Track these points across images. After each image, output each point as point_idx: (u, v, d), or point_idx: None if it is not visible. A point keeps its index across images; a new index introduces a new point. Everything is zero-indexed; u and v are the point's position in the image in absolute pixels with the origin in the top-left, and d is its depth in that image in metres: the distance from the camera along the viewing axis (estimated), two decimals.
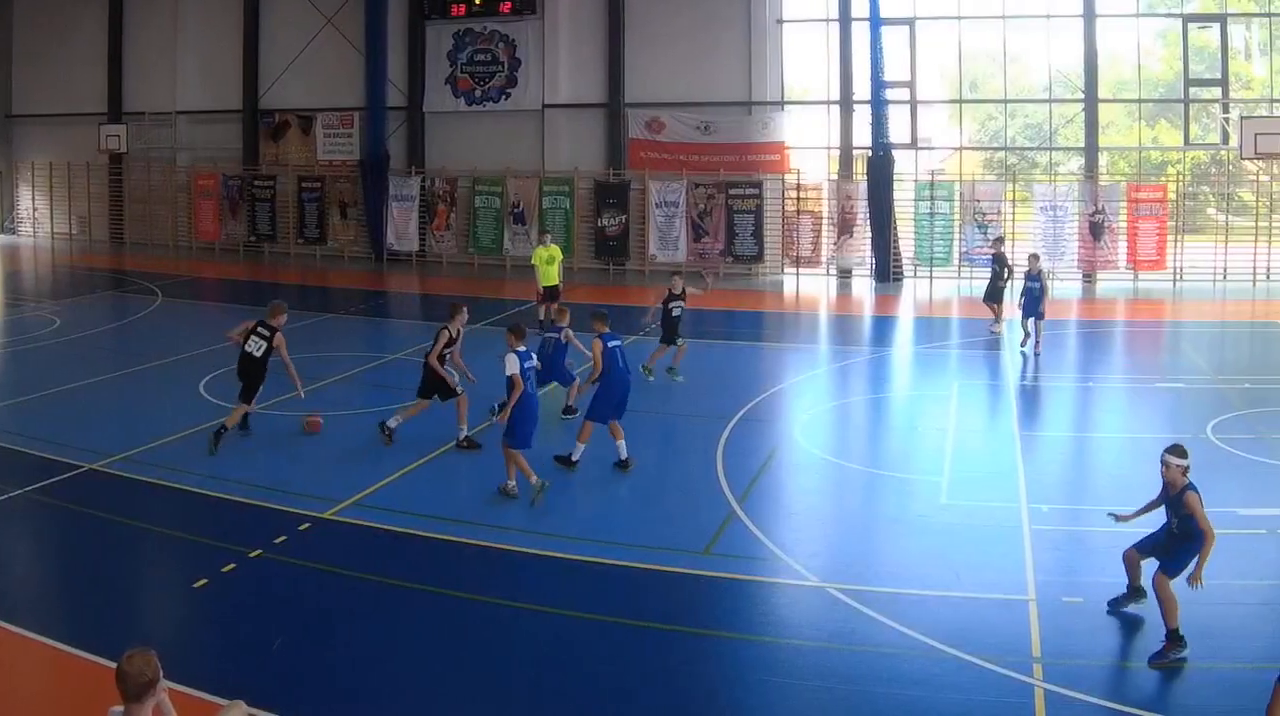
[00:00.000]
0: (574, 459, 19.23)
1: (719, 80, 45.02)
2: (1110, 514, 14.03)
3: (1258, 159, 41.08)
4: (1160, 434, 20.17)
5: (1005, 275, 32.28)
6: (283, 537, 15.85)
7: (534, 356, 18.60)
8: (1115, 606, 13.51)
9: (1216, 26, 43.86)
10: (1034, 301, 28.66)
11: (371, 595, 14.37)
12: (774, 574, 15.04)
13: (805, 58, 46.08)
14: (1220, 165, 46.06)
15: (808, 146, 45.43)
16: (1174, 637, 12.45)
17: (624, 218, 45.52)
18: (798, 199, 44.72)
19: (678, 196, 44.96)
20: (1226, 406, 22.86)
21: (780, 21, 45.46)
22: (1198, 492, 12.77)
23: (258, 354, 20.51)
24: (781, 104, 45.54)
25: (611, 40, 45.65)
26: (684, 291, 26.71)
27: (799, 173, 44.90)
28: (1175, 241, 42.24)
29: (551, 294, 30.73)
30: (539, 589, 14.66)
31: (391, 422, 20.64)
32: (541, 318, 30.23)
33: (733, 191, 44.68)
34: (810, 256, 44.89)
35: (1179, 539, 12.81)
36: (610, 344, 19.41)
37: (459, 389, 20.81)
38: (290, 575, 14.84)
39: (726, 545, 15.95)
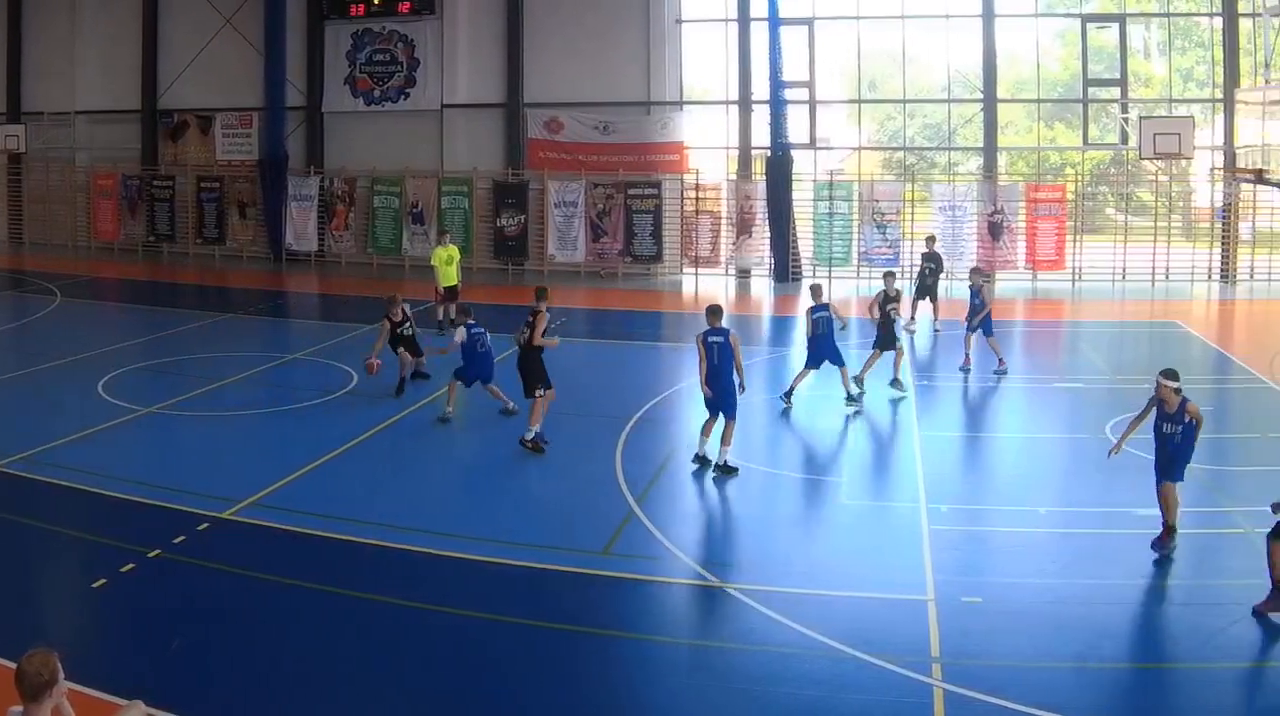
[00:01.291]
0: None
1: (618, 80, 40.80)
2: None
3: (1156, 159, 37.70)
4: (1058, 434, 20.18)
5: (937, 274, 30.16)
6: (182, 537, 14.80)
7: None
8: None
9: (1115, 26, 40.38)
10: (972, 314, 25.46)
11: (270, 595, 13.40)
12: (673, 574, 14.13)
13: (704, 58, 41.87)
14: (1119, 165, 42.13)
15: (707, 146, 41.41)
16: (1171, 530, 13.90)
17: (523, 218, 41.26)
18: (696, 199, 40.60)
19: (576, 196, 40.75)
20: (1125, 406, 20.22)
21: (679, 22, 41.24)
22: (1193, 402, 14.12)
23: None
24: (680, 104, 41.38)
25: (510, 40, 41.26)
26: (899, 293, 24.62)
27: (698, 173, 40.78)
28: (1074, 241, 39.26)
29: (451, 294, 28.80)
30: (437, 589, 13.67)
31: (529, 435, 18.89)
32: (441, 317, 28.73)
33: (631, 191, 40.51)
34: (709, 256, 40.84)
35: (1181, 447, 13.99)
36: None
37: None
38: (189, 575, 13.87)
39: (626, 545, 14.95)
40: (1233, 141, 38.11)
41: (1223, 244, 39.14)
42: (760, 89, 39.73)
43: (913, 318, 30.22)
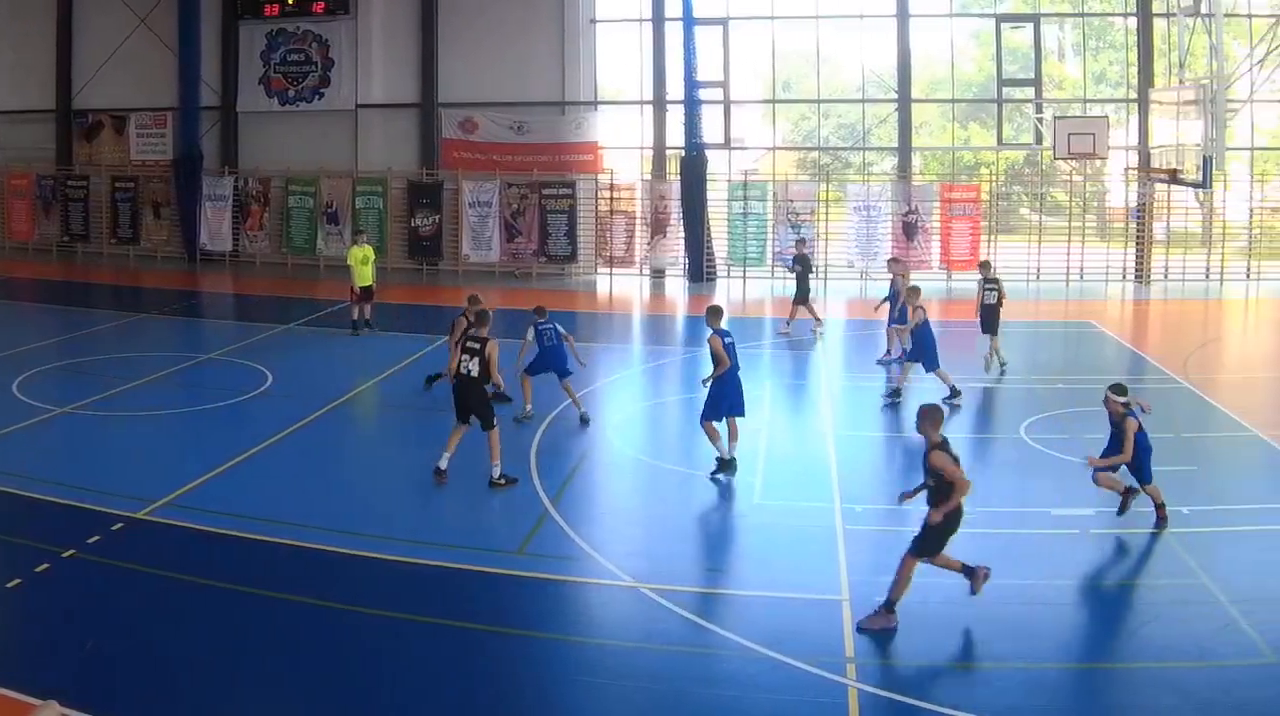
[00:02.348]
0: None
1: (532, 80, 37.55)
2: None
3: (1071, 159, 35.03)
4: (973, 434, 19.29)
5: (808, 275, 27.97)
6: (96, 537, 13.93)
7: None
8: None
9: (1030, 27, 37.52)
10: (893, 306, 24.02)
11: (184, 595, 12.56)
12: (588, 574, 13.33)
13: (618, 58, 38.58)
14: (1033, 165, 39.11)
15: (621, 146, 38.21)
16: (1160, 507, 13.99)
17: (438, 218, 37.90)
18: (611, 199, 37.49)
19: (491, 196, 37.46)
20: (1039, 406, 20.40)
21: (594, 21, 38.04)
22: (1136, 418, 13.79)
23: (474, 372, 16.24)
24: (595, 104, 38.13)
25: (425, 40, 37.90)
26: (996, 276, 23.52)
27: (612, 172, 37.69)
28: (989, 241, 36.48)
29: (366, 294, 26.91)
30: (351, 588, 12.82)
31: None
32: (355, 317, 26.87)
33: (546, 191, 37.30)
34: (624, 256, 37.71)
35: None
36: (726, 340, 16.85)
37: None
38: (104, 575, 13.04)
39: (540, 545, 14.11)
40: (1147, 141, 35.46)
41: (1137, 244, 36.58)
42: (675, 89, 36.75)
43: (819, 320, 28.06)
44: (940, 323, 30.16)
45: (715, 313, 17.14)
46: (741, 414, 16.87)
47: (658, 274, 37.62)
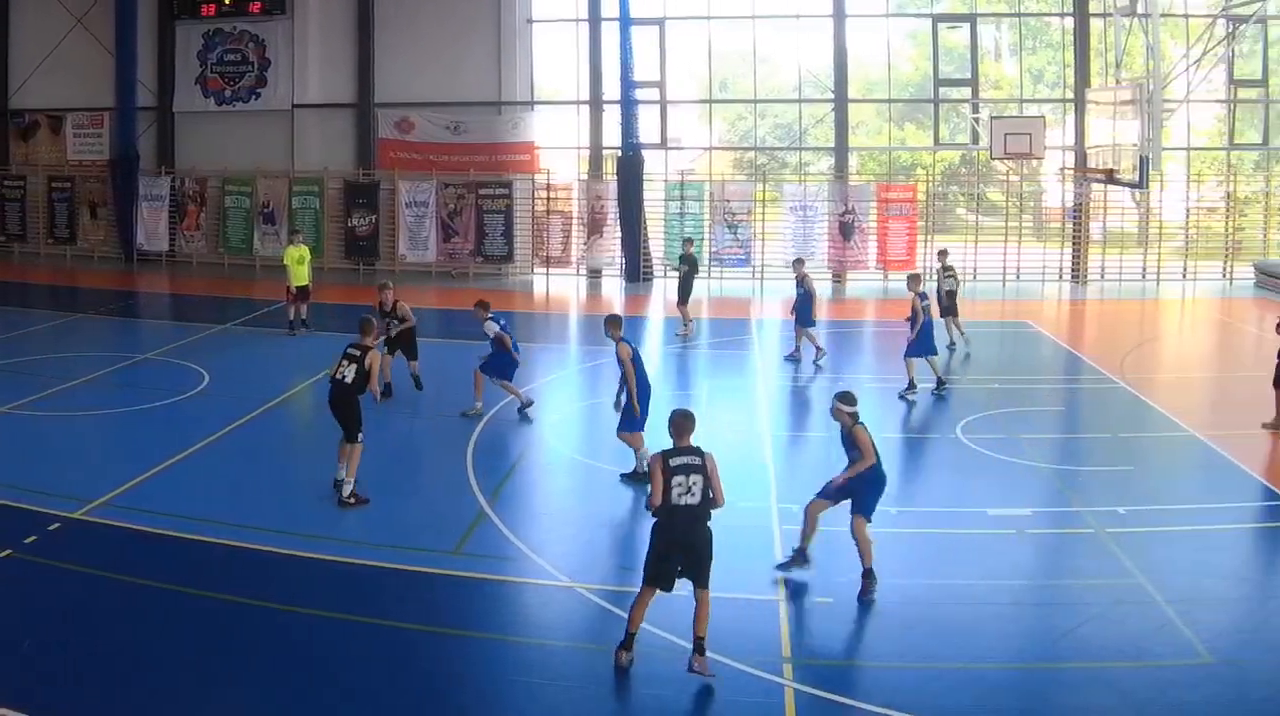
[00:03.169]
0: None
1: (469, 80, 35.29)
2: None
3: (1007, 159, 33.13)
4: (910, 434, 18.55)
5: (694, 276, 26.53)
6: (33, 537, 13.16)
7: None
8: (786, 567, 12.18)
9: (966, 27, 35.34)
10: (801, 305, 23.12)
11: (121, 595, 11.69)
12: (524, 573, 12.57)
13: (555, 58, 36.38)
14: (970, 165, 37.03)
15: (558, 146, 35.99)
16: (870, 575, 11.62)
17: (374, 218, 35.61)
18: (548, 199, 35.28)
19: (428, 196, 35.22)
20: (975, 406, 19.49)
21: (530, 21, 35.82)
22: (866, 428, 11.89)
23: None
24: (531, 104, 35.93)
25: (361, 41, 35.60)
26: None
27: (549, 173, 35.48)
28: (925, 241, 34.43)
29: (302, 293, 25.68)
30: (288, 588, 11.97)
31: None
32: (292, 317, 25.61)
33: (483, 191, 35.10)
34: (560, 256, 35.53)
35: (860, 479, 11.81)
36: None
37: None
38: (40, 575, 12.19)
39: (476, 545, 13.41)
40: (1083, 141, 33.58)
41: (1073, 244, 34.73)
42: (611, 89, 34.61)
43: (688, 324, 26.27)
44: (878, 323, 29.37)
45: (616, 322, 16.08)
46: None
47: (594, 274, 35.50)
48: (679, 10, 35.14)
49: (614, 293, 33.82)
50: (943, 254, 25.89)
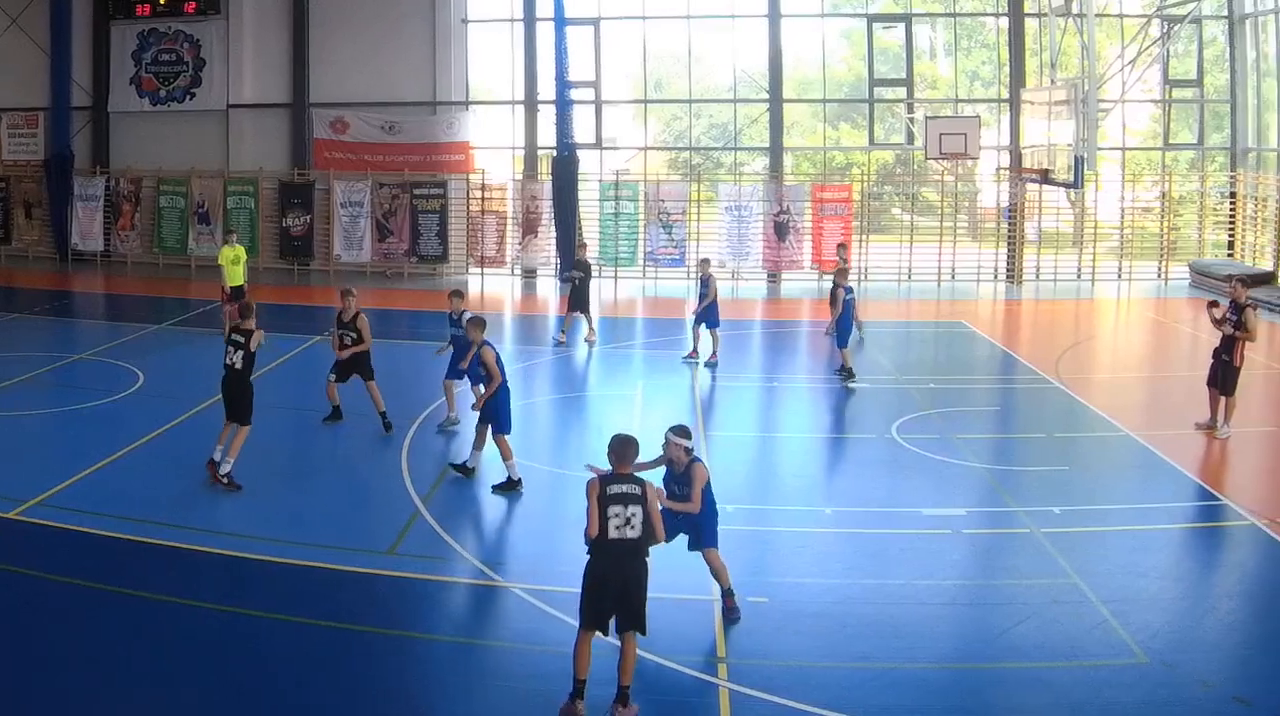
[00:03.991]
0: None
1: (404, 80, 33.33)
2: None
3: (942, 159, 31.17)
4: (845, 434, 17.89)
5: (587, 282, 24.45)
6: None
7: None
8: None
9: (901, 27, 33.48)
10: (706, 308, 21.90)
11: (56, 595, 11.12)
12: (459, 574, 11.91)
13: (490, 58, 34.36)
14: (905, 165, 35.02)
15: (493, 146, 33.99)
16: (731, 594, 10.64)
17: (309, 218, 33.57)
18: (482, 199, 33.31)
19: (362, 196, 33.21)
20: (911, 406, 18.69)
21: (465, 21, 33.81)
22: (703, 463, 10.48)
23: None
24: (466, 104, 33.92)
25: (296, 41, 33.58)
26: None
27: (484, 173, 33.51)
28: (860, 241, 32.55)
29: (237, 294, 23.49)
30: (222, 588, 11.35)
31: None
32: (227, 318, 23.01)
33: (417, 191, 33.14)
34: (495, 256, 33.53)
35: (701, 513, 10.42)
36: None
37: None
38: None
39: (411, 545, 12.57)
40: (1018, 141, 31.93)
41: (1008, 244, 32.90)
42: (546, 89, 32.69)
43: (562, 332, 24.26)
44: (814, 323, 27.56)
45: (479, 324, 14.91)
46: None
47: (529, 274, 33.59)
48: (614, 10, 33.27)
49: (549, 293, 32.06)
50: (841, 247, 25.40)
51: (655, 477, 10.12)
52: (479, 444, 14.63)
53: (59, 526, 12.99)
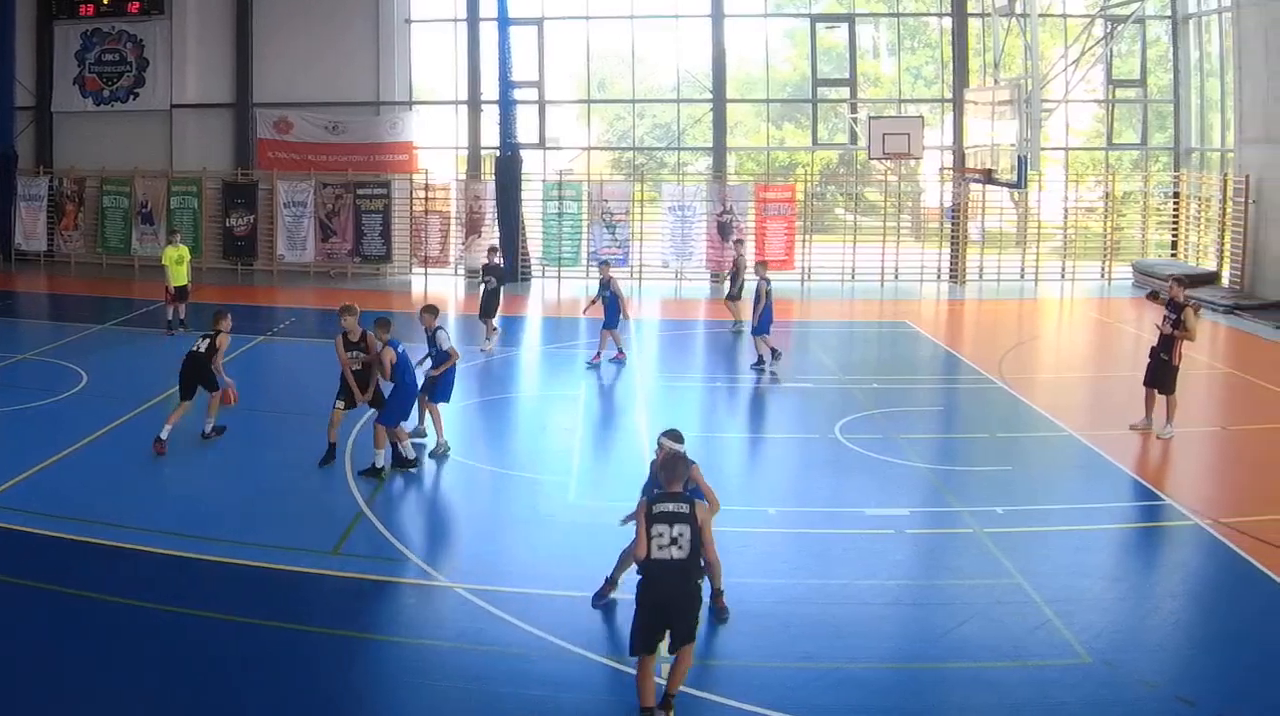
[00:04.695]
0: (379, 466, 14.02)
1: (347, 80, 31.84)
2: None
3: (885, 159, 29.65)
4: (787, 434, 16.83)
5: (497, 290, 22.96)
6: None
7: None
8: (597, 600, 10.34)
9: (844, 27, 32.00)
10: (609, 310, 20.82)
11: None
12: (403, 574, 11.29)
13: (433, 58, 32.85)
14: (848, 165, 33.43)
15: (436, 146, 32.52)
16: (720, 593, 10.06)
17: (252, 218, 32.07)
18: (426, 199, 31.78)
19: (306, 196, 31.67)
20: (854, 406, 17.87)
21: (408, 21, 32.36)
22: (696, 464, 9.50)
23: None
24: (410, 104, 32.44)
25: (239, 41, 32.07)
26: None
27: (427, 173, 31.99)
28: (803, 241, 31.13)
29: (181, 293, 23.44)
30: (166, 589, 10.72)
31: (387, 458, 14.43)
32: (170, 317, 23.33)
33: (361, 191, 31.63)
34: (438, 256, 31.97)
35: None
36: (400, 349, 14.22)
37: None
38: None
39: (355, 545, 11.98)
40: (961, 141, 30.51)
41: (952, 244, 31.39)
42: (490, 89, 31.14)
43: (488, 337, 22.38)
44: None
45: (385, 324, 14.42)
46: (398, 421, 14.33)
47: (472, 274, 31.62)
48: (557, 10, 31.86)
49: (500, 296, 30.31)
50: (739, 244, 25.01)
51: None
52: (380, 442, 14.02)
53: (1, 526, 12.34)
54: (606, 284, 20.74)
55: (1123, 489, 14.23)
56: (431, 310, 15.45)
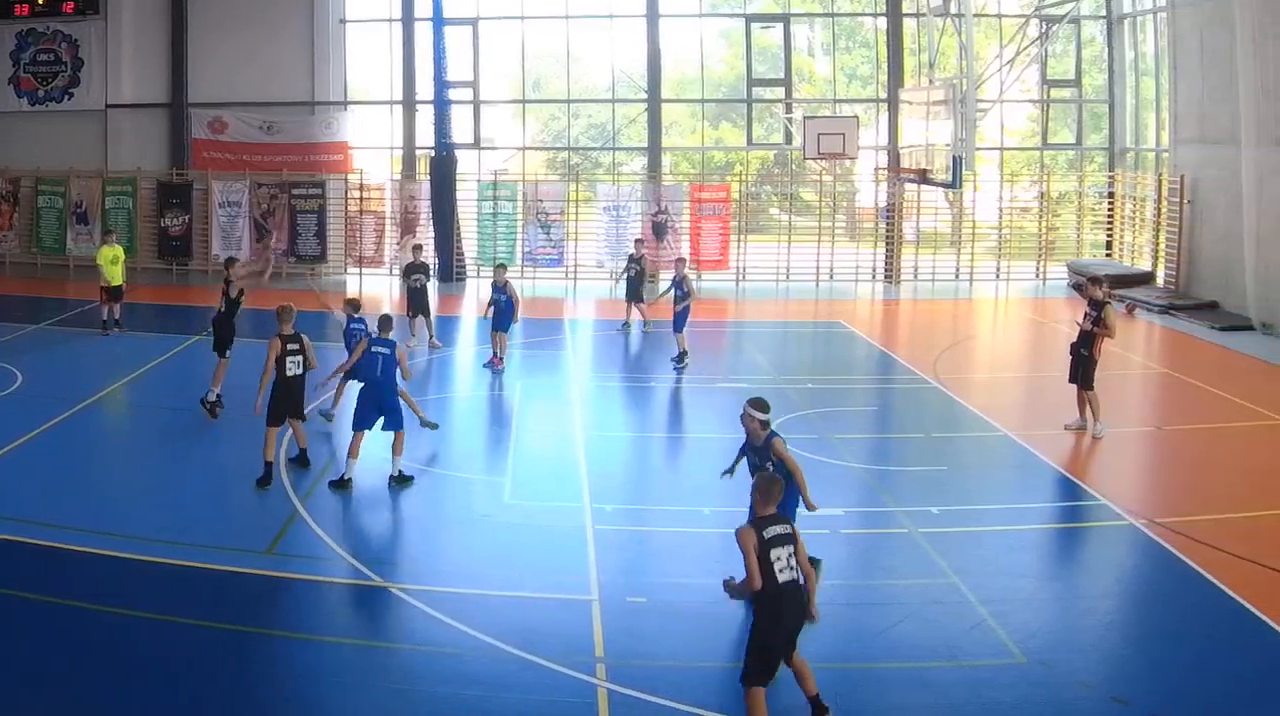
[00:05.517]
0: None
1: (282, 81, 30.16)
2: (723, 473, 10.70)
3: (820, 159, 28.15)
4: (722, 434, 14.53)
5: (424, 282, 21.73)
6: None
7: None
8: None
9: (780, 26, 30.48)
10: (501, 314, 19.44)
11: None
12: (338, 574, 10.76)
13: (368, 58, 31.17)
14: (783, 165, 31.82)
15: (371, 146, 30.88)
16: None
17: (187, 218, 30.37)
18: (361, 199, 30.18)
19: (241, 196, 30.05)
20: (789, 406, 16.67)
21: (344, 21, 30.68)
22: (781, 437, 9.95)
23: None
24: (345, 104, 30.75)
25: (174, 41, 30.37)
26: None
27: (362, 173, 30.39)
28: (738, 241, 29.66)
29: (116, 293, 22.25)
30: (101, 589, 10.24)
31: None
32: (105, 317, 22.11)
33: (296, 191, 30.03)
34: (373, 256, 30.34)
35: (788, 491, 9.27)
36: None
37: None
38: None
39: (289, 545, 11.41)
40: (896, 141, 29.04)
41: (886, 244, 29.95)
42: (425, 89, 29.55)
43: (415, 334, 21.63)
44: (691, 323, 23.89)
45: (354, 304, 15.05)
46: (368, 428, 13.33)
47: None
48: (492, 10, 30.30)
49: (430, 293, 28.55)
50: (638, 243, 23.95)
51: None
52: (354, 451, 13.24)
53: None
54: (502, 287, 19.43)
55: (1058, 489, 13.75)
56: (353, 303, 15.63)
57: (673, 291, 20.04)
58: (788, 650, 7.84)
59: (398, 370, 13.15)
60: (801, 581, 7.73)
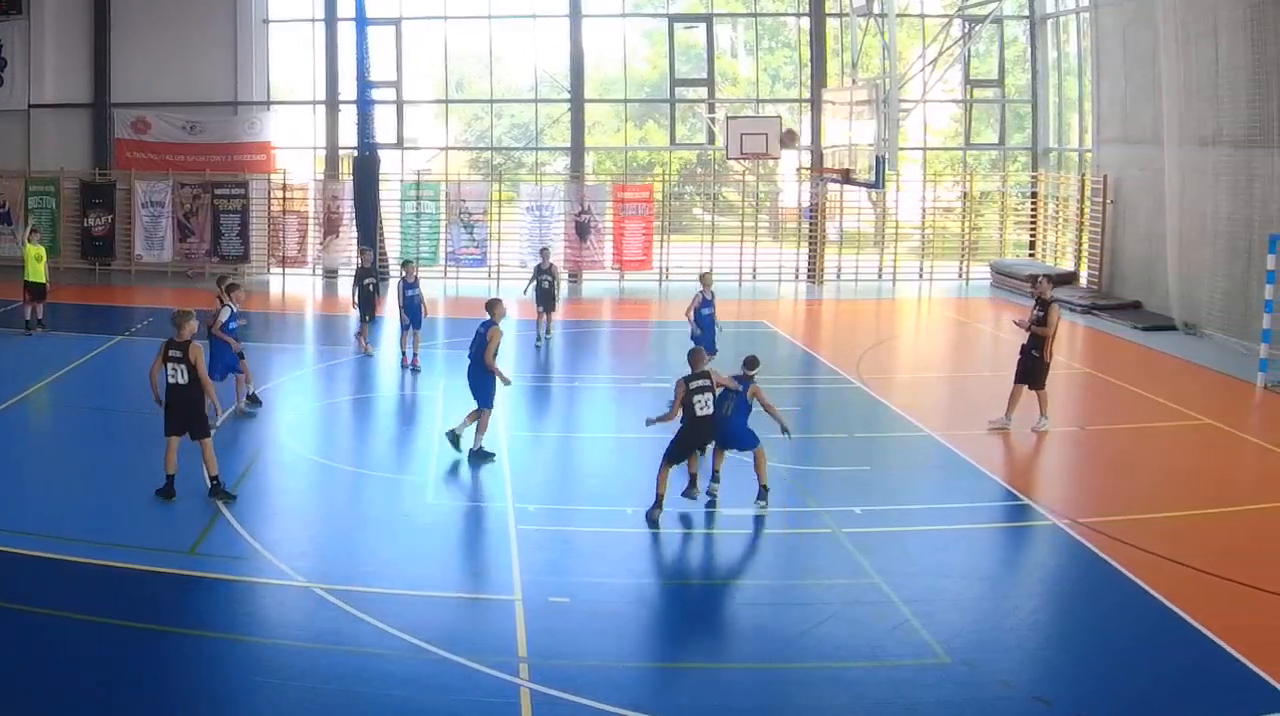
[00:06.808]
0: None
1: (205, 80, 27.76)
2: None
3: (743, 159, 26.04)
4: (645, 434, 12.73)
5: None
6: None
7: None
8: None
9: (703, 26, 28.12)
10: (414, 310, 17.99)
11: None
12: (260, 574, 9.98)
13: (291, 58, 28.82)
14: (706, 165, 29.47)
15: (294, 146, 28.47)
16: (766, 492, 11.25)
17: (110, 218, 27.97)
18: (284, 199, 27.88)
19: (164, 196, 27.71)
20: None
21: (266, 21, 28.29)
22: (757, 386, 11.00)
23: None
24: (268, 104, 28.39)
25: (98, 41, 27.99)
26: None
27: (285, 173, 28.07)
28: (661, 241, 27.49)
29: (39, 293, 20.60)
30: (20, 589, 9.40)
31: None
32: (28, 317, 20.54)
33: (219, 191, 27.69)
34: (296, 256, 28.07)
35: (735, 421, 11.09)
36: None
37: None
38: None
39: (212, 545, 10.50)
40: (820, 141, 26.71)
41: (809, 244, 27.85)
42: (347, 89, 27.21)
43: (362, 335, 19.66)
44: (613, 323, 24.33)
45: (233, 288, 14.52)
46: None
47: (330, 274, 28.26)
48: (415, 10, 27.99)
49: (350, 293, 26.27)
50: (544, 252, 21.39)
51: None
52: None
53: None
54: (414, 283, 18.01)
55: (981, 489, 12.90)
56: (233, 287, 14.98)
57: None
58: (691, 453, 10.76)
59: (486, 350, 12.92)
60: (711, 414, 10.74)
